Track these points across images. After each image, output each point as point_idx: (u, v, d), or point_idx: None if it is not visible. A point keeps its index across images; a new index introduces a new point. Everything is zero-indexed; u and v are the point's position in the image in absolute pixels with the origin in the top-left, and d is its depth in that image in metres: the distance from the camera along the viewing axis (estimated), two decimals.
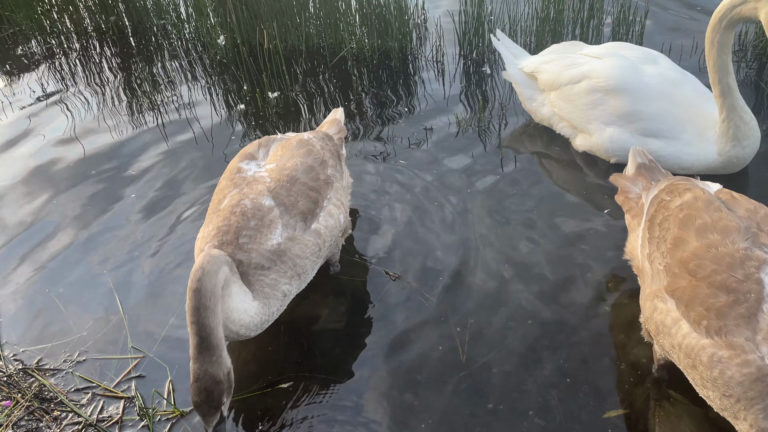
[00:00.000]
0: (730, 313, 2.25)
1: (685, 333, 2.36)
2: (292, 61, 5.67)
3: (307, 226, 2.98)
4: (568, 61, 4.13)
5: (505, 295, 3.32)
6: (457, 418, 2.79)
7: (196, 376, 2.34)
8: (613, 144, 3.96)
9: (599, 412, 2.76)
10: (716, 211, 2.51)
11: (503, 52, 4.47)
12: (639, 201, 2.97)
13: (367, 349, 3.12)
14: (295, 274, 2.91)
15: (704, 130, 3.76)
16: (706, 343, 2.28)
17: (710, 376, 2.27)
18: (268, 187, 2.97)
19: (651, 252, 2.66)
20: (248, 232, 2.81)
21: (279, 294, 2.84)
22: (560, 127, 4.29)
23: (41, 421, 2.91)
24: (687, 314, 2.37)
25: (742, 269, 2.30)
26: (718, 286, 2.30)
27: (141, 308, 3.44)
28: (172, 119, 5.10)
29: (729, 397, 2.23)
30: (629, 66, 3.94)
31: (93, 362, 3.18)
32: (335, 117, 3.79)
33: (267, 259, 2.80)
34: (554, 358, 2.99)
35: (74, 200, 4.29)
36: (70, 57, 6.28)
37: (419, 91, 5.16)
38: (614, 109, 3.90)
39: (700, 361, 2.29)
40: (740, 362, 2.18)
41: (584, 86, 3.99)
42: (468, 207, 3.90)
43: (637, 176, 3.09)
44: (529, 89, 4.38)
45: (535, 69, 4.27)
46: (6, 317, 3.48)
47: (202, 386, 2.33)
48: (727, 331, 2.23)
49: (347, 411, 2.85)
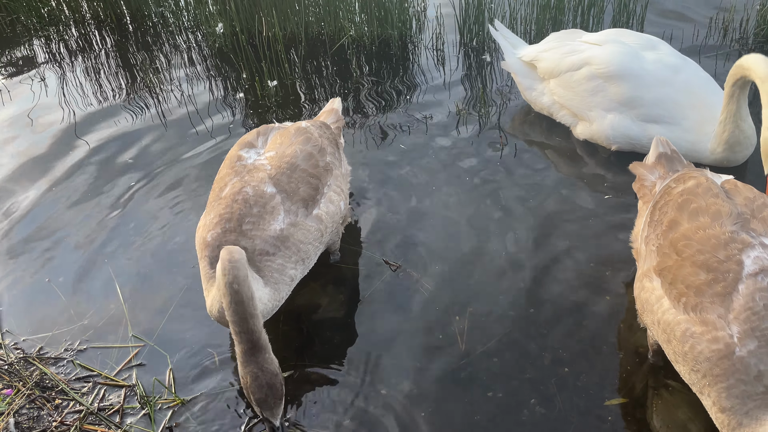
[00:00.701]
0: (707, 290, 2.29)
1: (665, 309, 2.42)
2: (291, 49, 5.65)
3: (308, 212, 3.00)
4: (568, 49, 4.11)
5: (504, 284, 3.33)
6: (456, 406, 2.80)
7: (254, 375, 2.41)
8: (614, 131, 3.96)
9: (599, 400, 2.77)
10: (713, 196, 2.55)
11: (501, 42, 4.45)
12: (653, 188, 2.99)
13: (367, 337, 3.13)
14: (300, 259, 2.93)
15: (704, 122, 3.76)
16: (681, 319, 2.34)
17: (681, 350, 2.32)
18: (269, 174, 2.98)
19: (648, 234, 2.70)
20: (251, 219, 2.83)
21: (287, 279, 2.88)
22: (560, 116, 4.28)
23: (42, 409, 2.93)
24: (669, 292, 2.42)
25: (725, 250, 2.34)
26: (700, 265, 2.35)
27: (141, 297, 3.45)
28: (170, 108, 5.08)
29: (696, 372, 2.28)
30: (629, 52, 3.93)
31: (94, 351, 3.19)
32: (333, 107, 3.79)
33: (271, 245, 2.82)
34: (553, 347, 3.00)
35: (73, 188, 4.29)
36: (69, 44, 6.25)
37: (419, 79, 5.14)
38: (615, 96, 3.90)
39: (674, 335, 2.35)
40: (710, 338, 2.22)
41: (584, 73, 3.98)
42: (467, 196, 3.90)
43: (656, 165, 3.10)
44: (528, 78, 4.36)
45: (534, 57, 4.25)
46: (7, 306, 3.48)
47: (264, 382, 2.40)
48: (702, 308, 2.28)
49: (347, 399, 2.87)
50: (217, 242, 2.80)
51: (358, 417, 2.80)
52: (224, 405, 2.88)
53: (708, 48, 5.09)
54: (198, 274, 3.50)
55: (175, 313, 3.32)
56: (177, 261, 3.63)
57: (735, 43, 5.14)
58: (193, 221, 3.87)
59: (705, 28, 5.34)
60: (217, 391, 2.94)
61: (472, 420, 2.74)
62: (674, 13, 5.59)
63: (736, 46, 5.10)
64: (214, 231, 2.83)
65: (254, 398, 2.41)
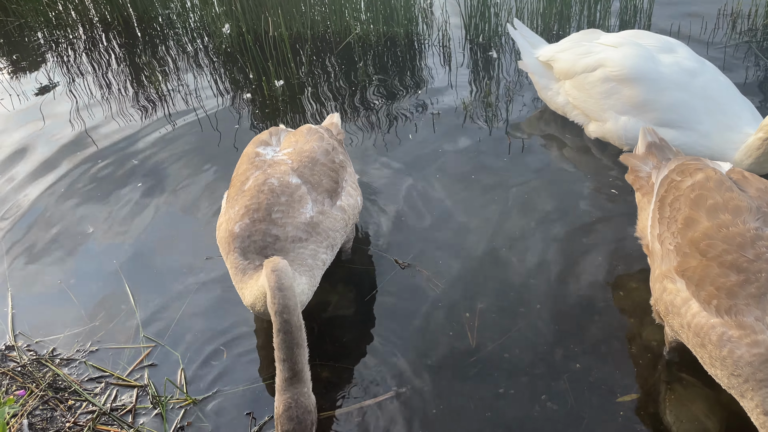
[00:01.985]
0: (740, 292, 2.24)
1: (694, 312, 2.36)
2: (297, 49, 5.65)
3: (333, 203, 3.02)
4: (583, 50, 4.07)
5: (513, 280, 3.32)
6: (467, 403, 2.79)
7: (287, 405, 2.38)
8: (627, 133, 3.91)
9: (611, 396, 2.75)
10: (727, 191, 2.50)
11: (519, 42, 4.41)
12: (649, 179, 2.96)
13: (377, 335, 3.12)
14: (329, 245, 2.95)
15: (722, 128, 3.66)
16: (715, 323, 2.27)
17: (719, 356, 2.26)
18: (291, 167, 3.01)
19: (661, 232, 2.65)
20: (280, 208, 2.83)
21: (320, 263, 2.88)
22: (574, 115, 4.25)
23: (56, 410, 2.94)
24: (697, 294, 2.36)
25: (753, 249, 2.29)
26: (729, 266, 2.29)
27: (152, 298, 3.46)
28: (178, 108, 5.10)
29: (737, 377, 2.22)
30: (644, 55, 3.86)
31: (105, 352, 3.21)
32: (332, 121, 3.78)
33: (303, 231, 2.83)
34: (564, 343, 2.98)
35: (82, 191, 4.31)
36: (76, 48, 6.28)
37: (426, 77, 5.13)
38: (628, 99, 3.85)
39: (709, 340, 2.29)
40: (750, 342, 2.17)
41: (599, 75, 3.93)
42: (475, 193, 3.89)
43: (648, 155, 3.07)
44: (545, 78, 4.33)
45: (550, 58, 4.22)
46: (19, 308, 3.51)
47: (294, 414, 2.36)
48: (737, 310, 2.23)
49: (357, 397, 2.87)
50: (247, 232, 2.80)
51: (370, 414, 2.80)
52: (236, 404, 2.89)
53: (716, 40, 5.06)
54: (210, 273, 3.52)
55: (186, 314, 3.33)
56: (187, 261, 3.64)
57: (743, 35, 5.11)
58: (203, 221, 3.88)
59: (713, 21, 5.31)
60: (229, 391, 2.95)
61: (484, 417, 2.73)
62: (682, 6, 5.56)
63: (745, 38, 5.06)
64: (242, 222, 2.82)
65: (281, 428, 2.37)
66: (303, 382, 2.42)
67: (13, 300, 3.55)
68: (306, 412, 2.38)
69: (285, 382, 2.41)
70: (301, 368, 2.42)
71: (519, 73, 5.06)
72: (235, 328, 3.21)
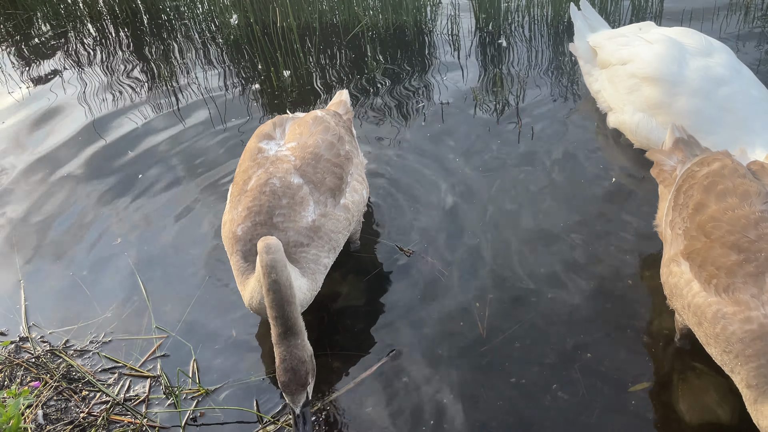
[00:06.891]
0: (739, 271, 2.26)
1: (695, 292, 2.39)
2: (305, 39, 5.64)
3: (336, 202, 3.00)
4: (624, 41, 3.99)
5: (523, 269, 3.31)
6: (479, 392, 2.79)
7: (282, 357, 2.41)
8: (639, 129, 3.85)
9: (622, 385, 2.75)
10: (740, 177, 2.51)
11: (578, 24, 4.33)
12: (673, 172, 2.95)
13: (388, 325, 3.13)
14: (332, 248, 2.95)
15: (735, 145, 3.41)
16: (712, 301, 2.30)
17: (713, 332, 2.28)
18: (294, 165, 2.98)
19: (673, 218, 2.66)
20: (282, 211, 2.83)
21: (322, 268, 2.89)
22: (601, 102, 4.19)
23: (70, 401, 2.97)
24: (699, 274, 2.39)
25: (756, 230, 2.31)
26: (731, 246, 2.32)
27: (163, 289, 3.48)
28: (187, 100, 5.11)
29: (728, 353, 2.25)
30: (672, 56, 3.71)
31: (118, 343, 3.23)
32: (341, 99, 3.76)
33: (305, 236, 2.83)
34: (575, 332, 2.98)
35: (92, 183, 4.33)
36: (85, 40, 6.30)
37: (435, 66, 5.11)
38: (646, 98, 3.77)
39: (705, 317, 2.31)
40: (743, 318, 2.19)
41: (627, 70, 3.88)
42: (485, 181, 3.87)
43: (674, 150, 3.05)
44: (589, 64, 4.28)
45: (596, 44, 4.15)
46: (33, 300, 3.53)
47: (289, 366, 2.40)
48: (734, 288, 2.25)
49: (369, 387, 2.87)
50: (249, 236, 2.81)
51: (380, 404, 2.80)
52: (248, 394, 2.91)
53: (730, 28, 5.00)
54: (220, 264, 3.53)
55: (198, 304, 3.34)
56: (198, 252, 3.65)
57: (758, 21, 5.04)
58: (212, 212, 3.89)
59: (725, 8, 5.24)
60: (241, 380, 2.96)
61: (495, 406, 2.73)
62: None
63: (759, 24, 5.00)
64: (243, 224, 2.83)
65: (279, 381, 2.41)
66: (296, 334, 2.44)
67: (26, 292, 3.58)
68: (300, 363, 2.40)
69: (279, 336, 2.44)
70: (294, 323, 2.45)
71: (530, 60, 5.03)
72: (247, 319, 3.23)
